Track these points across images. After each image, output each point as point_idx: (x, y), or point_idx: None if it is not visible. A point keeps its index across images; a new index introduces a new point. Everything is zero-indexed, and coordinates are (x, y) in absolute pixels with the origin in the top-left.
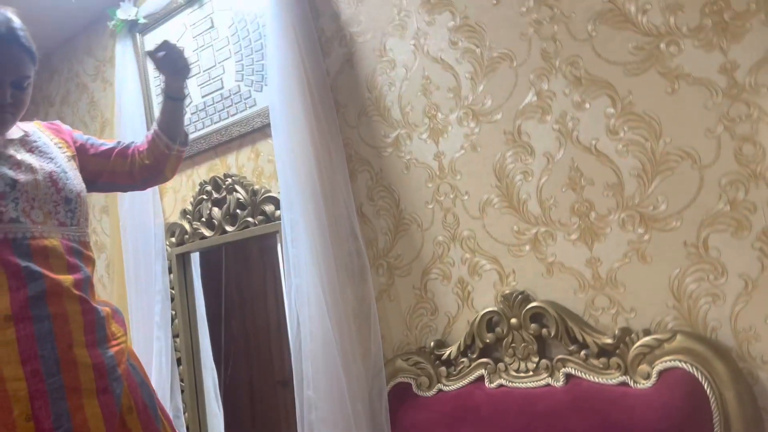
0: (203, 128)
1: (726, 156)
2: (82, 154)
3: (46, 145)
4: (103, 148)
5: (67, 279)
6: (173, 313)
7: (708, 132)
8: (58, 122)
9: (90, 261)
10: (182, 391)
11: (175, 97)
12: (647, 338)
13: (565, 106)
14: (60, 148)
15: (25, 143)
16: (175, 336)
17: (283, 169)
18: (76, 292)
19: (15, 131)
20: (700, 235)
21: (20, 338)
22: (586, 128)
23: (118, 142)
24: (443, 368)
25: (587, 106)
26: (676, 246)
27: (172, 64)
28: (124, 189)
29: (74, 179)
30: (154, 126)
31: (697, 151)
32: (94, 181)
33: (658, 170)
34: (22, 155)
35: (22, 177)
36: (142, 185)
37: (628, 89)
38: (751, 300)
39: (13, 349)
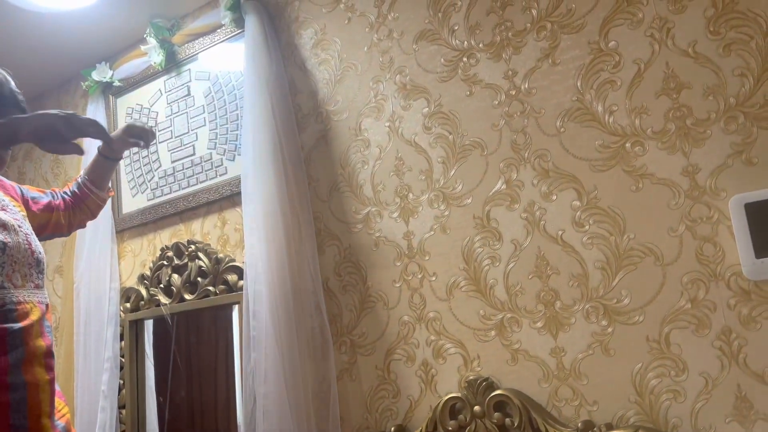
0: (170, 193)
1: (687, 254)
2: (28, 210)
3: (8, 204)
4: (44, 202)
5: (41, 346)
6: (121, 382)
7: (670, 230)
8: None
9: (51, 325)
10: None
11: (115, 159)
12: None
13: (533, 195)
14: (14, 206)
15: None
16: (121, 407)
17: (251, 238)
18: (47, 360)
19: None
20: (662, 331)
21: None
22: (553, 218)
23: (51, 194)
24: None
25: (554, 197)
26: (638, 340)
27: (144, 138)
28: (53, 237)
29: (37, 240)
30: (86, 182)
31: (659, 248)
32: (37, 236)
33: (621, 264)
34: (3, 215)
35: (9, 239)
36: (70, 233)
37: (594, 184)
38: (711, 398)
39: None
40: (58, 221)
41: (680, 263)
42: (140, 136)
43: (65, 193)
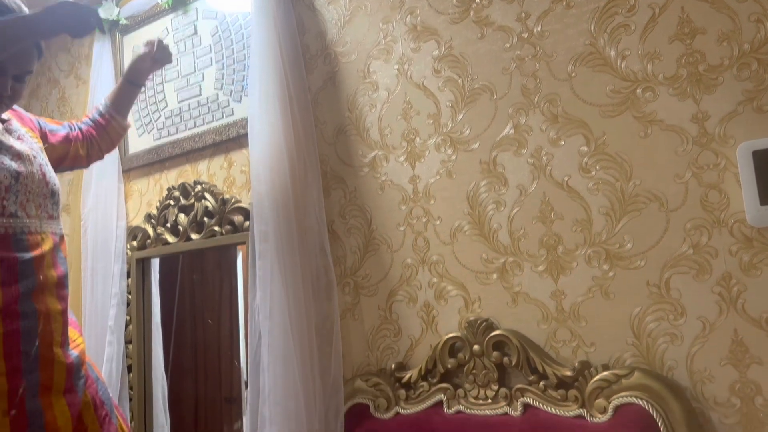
0: (176, 133)
1: (692, 201)
2: (45, 142)
3: (25, 135)
4: (62, 134)
5: (53, 276)
6: (128, 318)
7: (677, 177)
8: (17, 108)
9: (66, 257)
10: (130, 400)
11: (139, 84)
12: (606, 373)
13: (540, 141)
14: (32, 137)
15: (11, 131)
16: (127, 342)
17: (257, 179)
18: (59, 290)
19: None
20: (662, 276)
21: (6, 333)
22: (560, 164)
23: (68, 125)
24: (402, 391)
25: (562, 143)
26: (639, 285)
27: (161, 54)
28: (72, 170)
29: (53, 171)
30: (109, 110)
31: (664, 194)
32: (55, 168)
33: (626, 210)
34: (19, 145)
35: (22, 168)
36: (89, 164)
37: (603, 130)
38: (708, 342)
39: None
40: (77, 153)
41: (684, 210)
42: (163, 57)
43: (83, 123)
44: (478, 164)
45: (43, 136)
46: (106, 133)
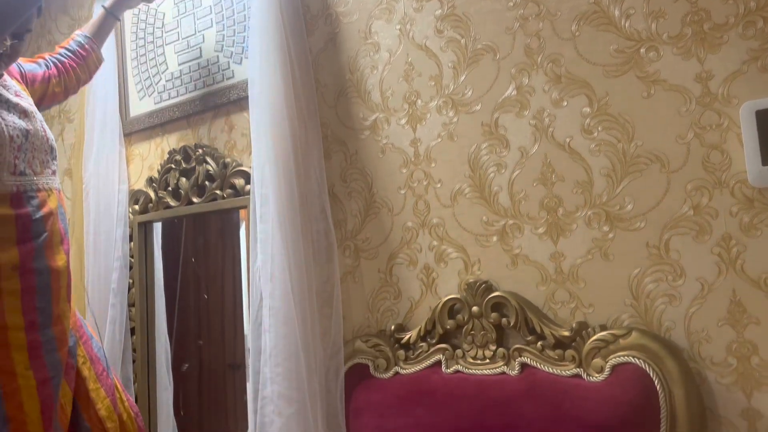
0: (177, 96)
1: (694, 162)
2: (28, 86)
3: (20, 90)
4: (39, 73)
5: (59, 232)
6: (131, 281)
7: (679, 138)
8: None
9: (65, 211)
10: (134, 361)
11: (117, 16)
12: (603, 333)
13: (543, 102)
14: (24, 91)
15: (7, 87)
16: (130, 305)
17: (258, 143)
18: (64, 246)
19: None
20: (662, 237)
21: (23, 290)
22: (562, 126)
23: (44, 63)
24: (402, 352)
25: (565, 104)
26: (638, 246)
27: None
28: (49, 108)
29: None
30: (89, 41)
31: (666, 155)
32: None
33: (627, 171)
34: (23, 103)
35: (30, 126)
36: (66, 99)
37: (606, 90)
38: (706, 303)
39: (17, 298)
40: (53, 91)
41: (686, 170)
42: None
43: (59, 55)
44: (480, 126)
45: (26, 82)
46: (86, 65)
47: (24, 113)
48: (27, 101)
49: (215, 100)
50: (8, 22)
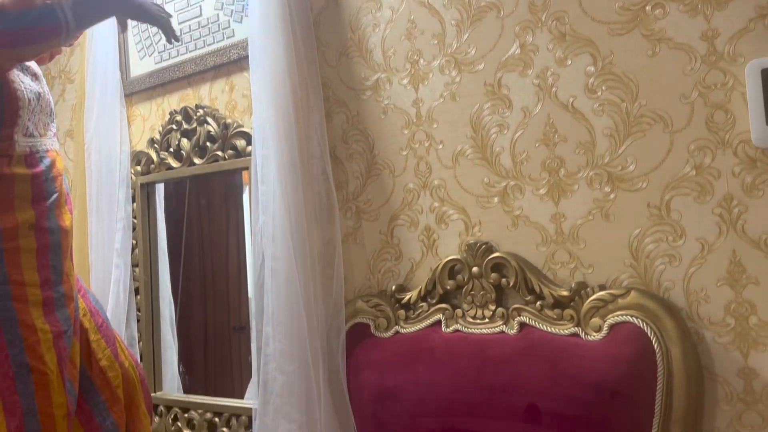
0: (177, 56)
1: (697, 121)
2: None
3: None
4: None
5: (64, 193)
6: (134, 242)
7: (683, 97)
8: None
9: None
10: (138, 321)
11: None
12: (602, 293)
13: (547, 61)
14: None
15: None
16: (134, 266)
17: (259, 103)
18: (69, 206)
19: None
20: (663, 198)
21: (38, 248)
22: (566, 85)
23: None
24: (402, 311)
25: (569, 62)
26: (639, 207)
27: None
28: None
29: None
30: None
31: (670, 115)
32: None
33: (630, 131)
34: (34, 65)
35: (40, 89)
36: (50, 61)
37: (611, 49)
38: (706, 263)
39: (33, 256)
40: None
41: (689, 130)
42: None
43: None
44: (483, 86)
45: None
46: (68, 43)
47: (35, 76)
48: (35, 64)
49: (215, 59)
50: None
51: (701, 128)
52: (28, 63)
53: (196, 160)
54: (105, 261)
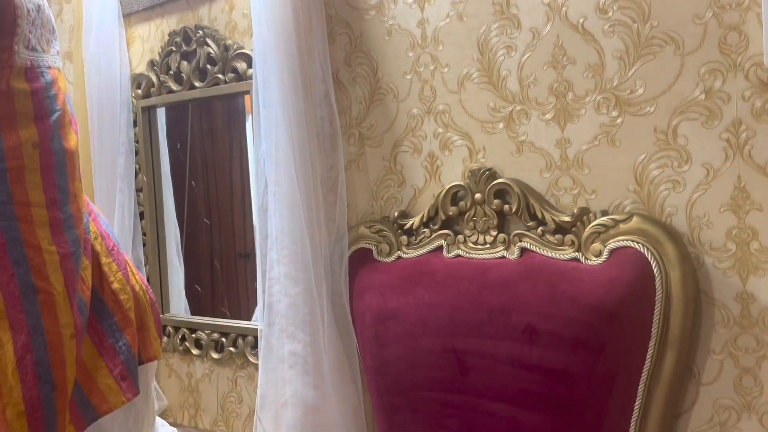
0: None
1: (710, 44)
2: None
3: None
4: None
5: (68, 111)
6: (137, 167)
7: (696, 18)
8: None
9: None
10: (144, 245)
11: None
12: (604, 218)
13: None
14: None
15: None
16: (138, 190)
17: (259, 24)
18: (74, 126)
19: None
20: (671, 122)
21: (42, 167)
22: (576, 4)
23: None
24: (404, 237)
25: None
26: (646, 131)
27: None
28: None
29: None
30: None
31: (681, 36)
32: None
33: (640, 54)
34: None
35: (41, 2)
36: None
37: None
38: (710, 189)
39: (37, 176)
40: None
41: (701, 52)
42: None
43: None
44: (491, 5)
45: None
46: None
47: None
48: None
49: None
50: None
51: (713, 50)
52: None
53: (197, 84)
54: (109, 186)
